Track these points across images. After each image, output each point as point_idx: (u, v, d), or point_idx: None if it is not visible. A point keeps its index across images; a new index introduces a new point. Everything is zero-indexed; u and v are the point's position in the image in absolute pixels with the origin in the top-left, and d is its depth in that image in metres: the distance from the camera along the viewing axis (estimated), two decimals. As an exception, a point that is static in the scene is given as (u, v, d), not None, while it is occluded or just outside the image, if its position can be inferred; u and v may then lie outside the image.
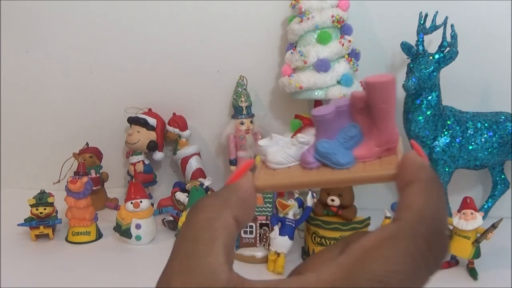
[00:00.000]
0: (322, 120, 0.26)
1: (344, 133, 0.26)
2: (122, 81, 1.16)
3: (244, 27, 1.09)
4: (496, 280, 0.78)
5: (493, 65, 0.99)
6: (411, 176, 0.23)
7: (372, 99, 0.25)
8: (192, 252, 0.22)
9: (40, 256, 0.88)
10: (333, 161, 0.26)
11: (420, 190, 0.22)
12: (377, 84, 0.24)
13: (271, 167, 0.27)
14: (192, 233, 0.23)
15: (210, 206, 0.24)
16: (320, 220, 0.82)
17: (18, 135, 1.23)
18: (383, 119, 0.25)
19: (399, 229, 0.21)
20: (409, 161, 0.24)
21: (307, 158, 0.26)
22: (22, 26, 1.17)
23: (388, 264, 0.19)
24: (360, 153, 0.26)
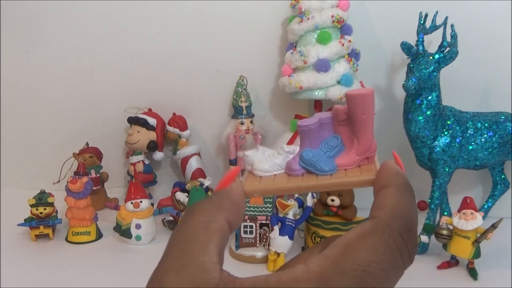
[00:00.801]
0: (307, 130, 0.28)
1: (326, 143, 0.29)
2: (122, 81, 1.16)
3: (244, 27, 1.09)
4: (496, 280, 0.78)
5: (493, 65, 1.00)
6: (386, 181, 0.25)
7: (353, 110, 0.27)
8: (186, 251, 0.23)
9: (40, 256, 0.88)
10: (317, 167, 0.28)
11: (394, 192, 0.25)
12: (358, 96, 0.27)
13: (258, 174, 0.29)
14: (187, 234, 0.24)
15: (205, 209, 0.25)
16: (320, 220, 0.82)
17: (18, 135, 1.23)
18: (363, 130, 0.28)
19: (377, 224, 0.23)
20: (387, 168, 0.26)
21: (292, 165, 0.29)
22: (22, 26, 1.17)
23: (370, 255, 0.21)
24: (341, 161, 0.28)
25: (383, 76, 1.05)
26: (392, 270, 0.22)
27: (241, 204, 0.27)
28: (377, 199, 0.25)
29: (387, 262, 0.22)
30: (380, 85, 1.06)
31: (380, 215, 0.23)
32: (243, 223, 0.85)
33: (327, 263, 0.21)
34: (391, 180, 0.25)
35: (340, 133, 0.29)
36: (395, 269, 0.22)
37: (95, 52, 1.15)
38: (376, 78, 1.05)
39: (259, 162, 0.30)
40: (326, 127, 0.29)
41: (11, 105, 1.22)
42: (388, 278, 0.22)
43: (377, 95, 1.06)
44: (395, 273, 0.22)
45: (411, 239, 0.23)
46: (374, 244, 0.22)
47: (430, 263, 0.83)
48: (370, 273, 0.21)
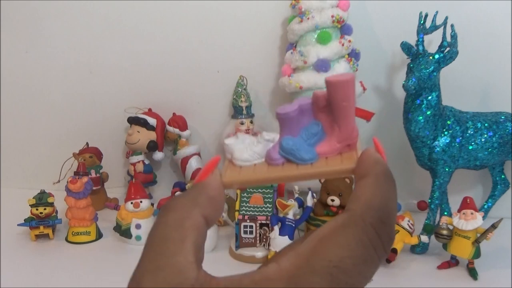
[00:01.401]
0: (286, 117, 0.27)
1: (307, 130, 0.28)
2: (122, 81, 1.16)
3: (244, 27, 1.09)
4: (496, 280, 0.78)
5: (493, 65, 1.00)
6: (366, 170, 0.24)
7: (333, 97, 0.26)
8: (161, 251, 0.22)
9: (40, 256, 0.88)
10: (297, 156, 0.27)
11: (371, 183, 0.24)
12: (338, 82, 0.26)
13: (238, 164, 0.28)
14: (162, 233, 0.23)
15: (180, 206, 0.24)
16: (320, 220, 0.82)
17: (18, 135, 1.23)
18: (344, 116, 0.27)
19: (349, 218, 0.22)
20: (366, 156, 0.25)
21: (272, 154, 0.28)
22: (22, 26, 1.17)
23: (341, 250, 0.21)
24: (322, 149, 0.27)
25: (383, 76, 1.05)
26: (366, 265, 0.21)
27: (218, 197, 0.26)
28: (355, 190, 0.24)
29: (360, 257, 0.21)
30: (380, 85, 1.06)
31: (353, 207, 0.23)
32: (243, 223, 0.85)
33: (298, 261, 0.21)
34: (369, 170, 0.24)
35: (320, 119, 0.28)
36: (368, 263, 0.21)
37: (95, 52, 1.15)
38: (376, 78, 1.05)
39: (239, 151, 0.28)
40: (306, 113, 0.28)
41: (11, 105, 1.22)
42: (361, 273, 0.21)
43: (377, 95, 1.06)
44: (369, 268, 0.22)
45: (385, 232, 0.22)
46: (346, 239, 0.21)
47: (430, 263, 0.83)
48: (341, 269, 0.21)
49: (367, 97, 1.02)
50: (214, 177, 0.26)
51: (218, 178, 0.26)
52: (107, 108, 1.17)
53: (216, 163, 0.27)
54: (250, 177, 0.27)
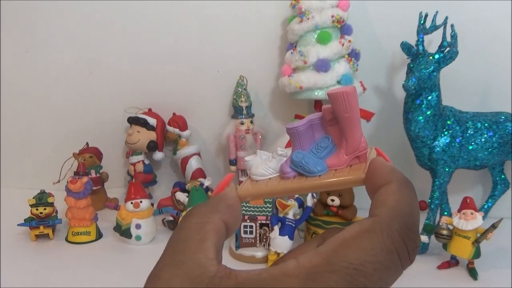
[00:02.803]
0: (294, 132, 0.29)
1: (317, 144, 0.29)
2: (122, 81, 1.16)
3: (244, 27, 1.09)
4: (496, 280, 0.78)
5: (493, 65, 1.00)
6: (384, 179, 0.25)
7: (336, 109, 0.27)
8: (181, 249, 0.24)
9: (40, 256, 0.88)
10: (306, 169, 0.28)
11: (394, 190, 0.24)
12: (339, 94, 0.26)
13: (254, 179, 0.30)
14: (183, 234, 0.25)
15: (200, 212, 0.26)
16: (320, 220, 0.82)
17: (18, 135, 1.23)
18: (348, 128, 0.27)
19: (375, 223, 0.22)
20: (379, 166, 0.26)
21: (284, 168, 0.29)
22: (22, 26, 1.17)
23: (364, 254, 0.21)
24: (331, 162, 0.28)
25: (383, 76, 1.05)
26: (388, 271, 0.21)
27: (236, 206, 0.27)
28: (378, 196, 0.24)
29: (382, 263, 0.21)
30: (380, 85, 1.06)
31: (379, 213, 0.23)
32: (243, 223, 0.85)
33: (318, 259, 0.21)
34: (390, 177, 0.25)
35: (330, 133, 0.29)
36: (391, 270, 0.21)
37: (95, 52, 1.15)
38: (376, 78, 1.05)
39: (256, 166, 0.30)
40: (317, 128, 0.29)
41: (11, 105, 1.22)
42: (382, 278, 0.21)
43: (377, 95, 1.06)
44: (391, 274, 0.22)
45: (411, 240, 0.22)
46: (370, 244, 0.21)
47: (430, 263, 0.83)
48: (362, 272, 0.21)
49: (367, 97, 1.02)
50: (231, 189, 0.28)
51: (234, 190, 0.28)
52: (107, 108, 1.17)
53: (231, 178, 0.29)
54: (262, 190, 0.29)
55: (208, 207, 0.26)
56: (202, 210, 0.26)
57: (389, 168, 0.25)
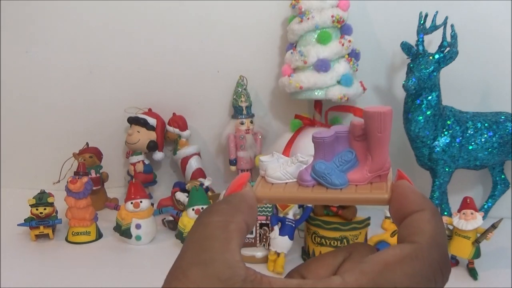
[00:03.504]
0: (321, 142, 0.28)
1: (340, 157, 0.29)
2: (122, 81, 1.16)
3: (244, 27, 1.09)
4: (496, 280, 0.78)
5: (493, 65, 1.00)
6: (417, 206, 0.25)
7: (369, 127, 0.27)
8: (207, 247, 0.23)
9: (40, 256, 0.88)
10: (327, 180, 0.28)
11: (429, 218, 0.25)
12: (375, 114, 0.26)
13: (270, 181, 0.30)
14: (206, 232, 0.24)
15: (223, 210, 0.25)
16: (320, 220, 0.82)
17: (18, 135, 1.23)
18: (378, 147, 0.28)
19: (417, 251, 0.23)
20: (410, 191, 0.26)
21: (304, 176, 0.29)
22: (22, 26, 1.17)
23: (407, 280, 0.22)
24: (353, 177, 0.28)
25: (383, 76, 1.05)
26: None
27: (255, 208, 0.27)
28: (413, 222, 0.25)
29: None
30: (380, 85, 1.06)
31: (420, 241, 0.23)
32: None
33: (364, 279, 0.22)
34: (423, 204, 0.25)
35: (355, 148, 0.29)
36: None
37: (95, 52, 1.15)
38: (376, 78, 1.05)
39: (272, 169, 0.30)
40: (342, 141, 0.29)
41: (11, 105, 1.22)
42: None
43: (377, 95, 1.06)
44: None
45: (447, 268, 0.24)
46: (413, 271, 0.22)
47: (430, 263, 0.83)
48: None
49: (367, 97, 1.02)
50: (250, 189, 0.28)
51: (252, 191, 0.28)
52: (107, 108, 1.17)
53: (248, 177, 0.28)
54: (280, 194, 0.29)
55: (231, 207, 0.26)
56: (225, 209, 0.25)
57: (420, 195, 0.26)
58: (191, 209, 0.87)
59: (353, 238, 0.81)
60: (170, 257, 0.84)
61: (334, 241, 0.81)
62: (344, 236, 0.81)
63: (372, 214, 0.84)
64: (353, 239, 0.81)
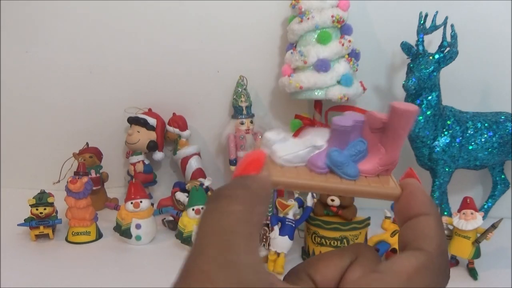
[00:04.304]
0: (343, 131, 0.28)
1: (353, 147, 0.28)
2: (122, 81, 1.16)
3: (244, 27, 1.09)
4: (496, 280, 0.78)
5: (493, 65, 1.00)
6: (424, 209, 0.25)
7: (394, 124, 0.27)
8: (230, 245, 0.20)
9: (40, 256, 0.88)
10: (343, 170, 0.27)
11: (435, 225, 0.25)
12: (404, 112, 0.26)
13: (278, 162, 0.27)
14: (228, 224, 0.21)
15: (244, 198, 0.22)
16: (320, 220, 0.82)
17: (18, 135, 1.23)
18: (396, 143, 0.28)
19: (429, 261, 0.24)
20: (420, 193, 0.26)
21: (317, 162, 0.27)
22: (22, 26, 1.17)
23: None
24: (364, 168, 0.28)
25: (383, 76, 1.05)
26: None
27: (270, 196, 0.25)
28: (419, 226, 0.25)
29: None
30: (380, 85, 1.06)
31: (429, 249, 0.24)
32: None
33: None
34: (429, 208, 0.25)
35: (367, 138, 0.28)
36: None
37: (95, 52, 1.15)
38: (376, 78, 1.05)
39: (283, 150, 0.27)
40: (356, 130, 0.28)
41: (11, 105, 1.22)
42: None
43: (377, 95, 1.06)
44: None
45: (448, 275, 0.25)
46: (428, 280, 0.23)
47: (430, 263, 0.83)
48: None
49: (367, 97, 1.02)
50: (266, 174, 0.24)
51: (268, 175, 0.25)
52: (107, 108, 1.17)
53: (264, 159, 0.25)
54: (295, 180, 0.27)
55: (252, 194, 0.23)
56: (246, 196, 0.22)
57: (429, 197, 0.26)
58: (191, 209, 0.87)
59: (353, 238, 0.81)
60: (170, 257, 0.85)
61: (334, 241, 0.81)
62: (344, 236, 0.81)
63: (372, 214, 0.84)
64: (353, 239, 0.81)
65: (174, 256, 0.87)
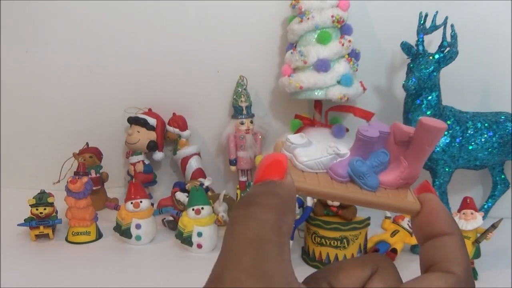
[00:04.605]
0: (369, 141, 0.27)
1: (376, 157, 0.28)
2: (122, 81, 1.16)
3: (244, 27, 1.09)
4: (496, 280, 0.78)
5: (493, 65, 1.00)
6: (447, 228, 0.25)
7: (420, 138, 0.26)
8: (265, 254, 0.20)
9: (40, 256, 0.88)
10: (364, 181, 0.27)
11: (461, 245, 0.25)
12: (433, 128, 0.26)
13: (299, 167, 0.27)
14: (262, 232, 0.21)
15: (276, 206, 0.22)
16: (320, 220, 0.82)
17: (18, 135, 1.23)
18: (420, 158, 0.27)
19: (458, 284, 0.23)
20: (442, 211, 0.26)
21: (339, 170, 0.27)
22: (22, 26, 1.17)
23: None
24: (385, 179, 0.27)
25: (383, 76, 1.05)
26: None
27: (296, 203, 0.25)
28: (447, 247, 0.25)
29: None
30: (380, 85, 1.06)
31: (458, 273, 0.24)
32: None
33: None
34: (452, 228, 0.25)
35: (390, 149, 0.28)
36: None
37: (95, 52, 1.15)
38: (376, 78, 1.05)
39: (305, 155, 0.27)
40: (380, 141, 0.28)
41: (11, 105, 1.22)
42: None
43: (377, 95, 1.06)
44: None
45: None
46: None
47: (430, 263, 0.83)
48: None
49: (367, 97, 1.02)
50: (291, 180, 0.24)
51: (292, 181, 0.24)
52: (107, 108, 1.17)
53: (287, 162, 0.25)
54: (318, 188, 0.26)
55: (283, 202, 0.22)
56: (278, 204, 0.22)
57: (451, 216, 0.26)
58: (191, 209, 0.87)
59: (353, 238, 0.81)
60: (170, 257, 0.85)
61: (334, 241, 0.81)
62: (344, 236, 0.81)
63: (372, 214, 0.84)
64: (353, 239, 0.81)
65: (174, 256, 0.87)
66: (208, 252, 0.87)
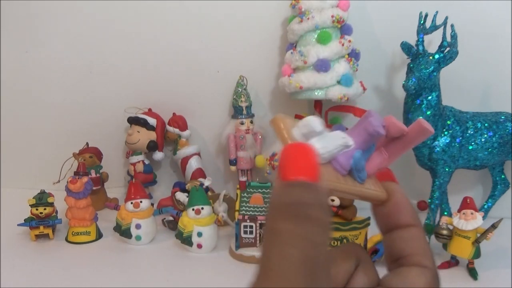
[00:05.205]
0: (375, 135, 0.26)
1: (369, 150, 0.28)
2: (122, 81, 1.16)
3: (244, 27, 1.09)
4: (496, 280, 0.78)
5: (493, 65, 1.00)
6: (413, 219, 0.26)
7: (413, 137, 0.27)
8: (316, 276, 0.19)
9: (40, 256, 0.88)
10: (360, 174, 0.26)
11: (425, 237, 0.26)
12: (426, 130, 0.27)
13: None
14: (314, 255, 0.20)
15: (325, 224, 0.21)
16: (320, 220, 0.82)
17: (18, 135, 1.23)
18: (401, 153, 0.28)
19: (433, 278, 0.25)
20: (406, 203, 0.26)
21: (344, 163, 0.26)
22: (22, 26, 1.17)
23: None
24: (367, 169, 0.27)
25: (383, 76, 1.05)
26: None
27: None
28: (414, 240, 0.26)
29: None
30: (380, 85, 1.06)
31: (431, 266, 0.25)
32: (243, 223, 0.85)
33: None
34: (415, 220, 0.26)
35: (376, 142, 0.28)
36: None
37: (95, 52, 1.15)
38: (376, 78, 1.05)
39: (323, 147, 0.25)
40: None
41: (11, 105, 1.22)
42: None
43: (377, 95, 1.06)
44: None
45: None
46: None
47: (430, 263, 0.83)
48: None
49: (367, 97, 1.02)
50: (324, 184, 0.22)
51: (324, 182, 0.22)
52: (107, 108, 1.17)
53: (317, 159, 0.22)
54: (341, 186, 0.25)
55: (327, 214, 0.21)
56: (327, 219, 0.21)
57: (413, 209, 0.27)
58: (191, 209, 0.87)
59: (353, 238, 0.81)
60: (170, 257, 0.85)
61: (334, 241, 0.81)
62: (344, 236, 0.81)
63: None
64: (353, 239, 0.81)
65: (174, 256, 0.87)
66: (208, 252, 0.87)
